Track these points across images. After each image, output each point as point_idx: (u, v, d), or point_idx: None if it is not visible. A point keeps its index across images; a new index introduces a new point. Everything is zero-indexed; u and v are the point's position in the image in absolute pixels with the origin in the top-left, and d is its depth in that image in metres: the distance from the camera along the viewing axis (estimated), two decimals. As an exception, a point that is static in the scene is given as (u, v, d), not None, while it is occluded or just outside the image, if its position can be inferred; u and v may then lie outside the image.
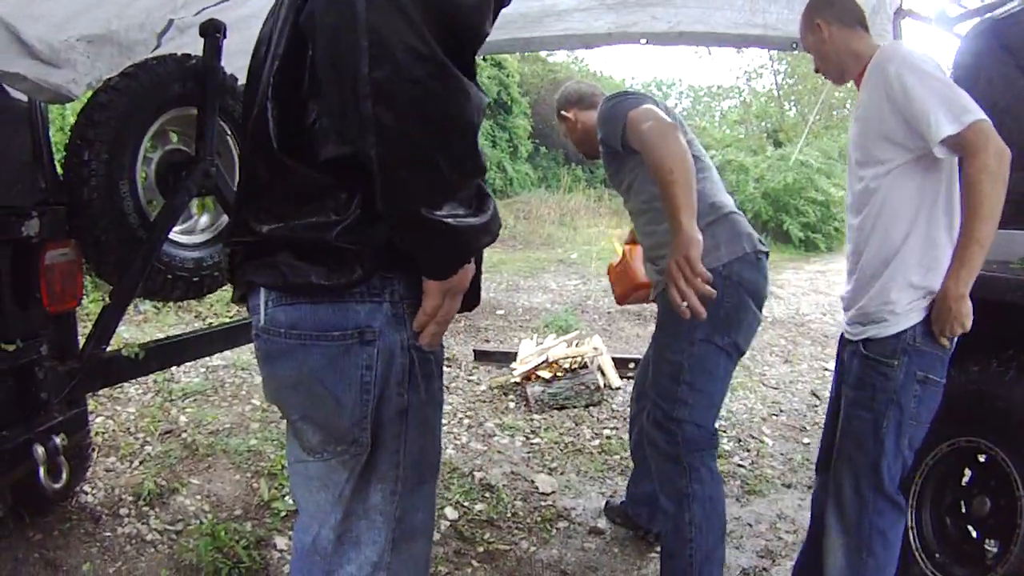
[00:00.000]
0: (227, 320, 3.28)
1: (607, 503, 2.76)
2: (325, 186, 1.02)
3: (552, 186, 14.94)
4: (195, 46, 2.23)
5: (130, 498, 2.59)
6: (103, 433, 3.13)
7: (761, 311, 2.01)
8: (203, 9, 2.27)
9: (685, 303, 1.58)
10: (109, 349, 2.03)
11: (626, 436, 3.48)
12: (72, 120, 2.09)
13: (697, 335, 1.90)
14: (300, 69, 1.04)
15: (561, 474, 3.10)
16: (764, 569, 2.43)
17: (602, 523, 2.68)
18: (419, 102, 0.92)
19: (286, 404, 1.16)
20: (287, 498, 2.58)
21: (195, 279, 2.22)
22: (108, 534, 2.36)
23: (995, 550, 1.95)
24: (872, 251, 1.77)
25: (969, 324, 1.68)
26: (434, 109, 0.94)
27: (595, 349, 4.43)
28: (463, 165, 1.00)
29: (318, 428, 1.12)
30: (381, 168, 0.95)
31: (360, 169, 0.97)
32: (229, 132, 2.40)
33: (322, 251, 1.04)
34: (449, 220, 0.99)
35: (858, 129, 1.81)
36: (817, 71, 1.96)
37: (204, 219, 2.43)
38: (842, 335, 1.95)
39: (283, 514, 2.55)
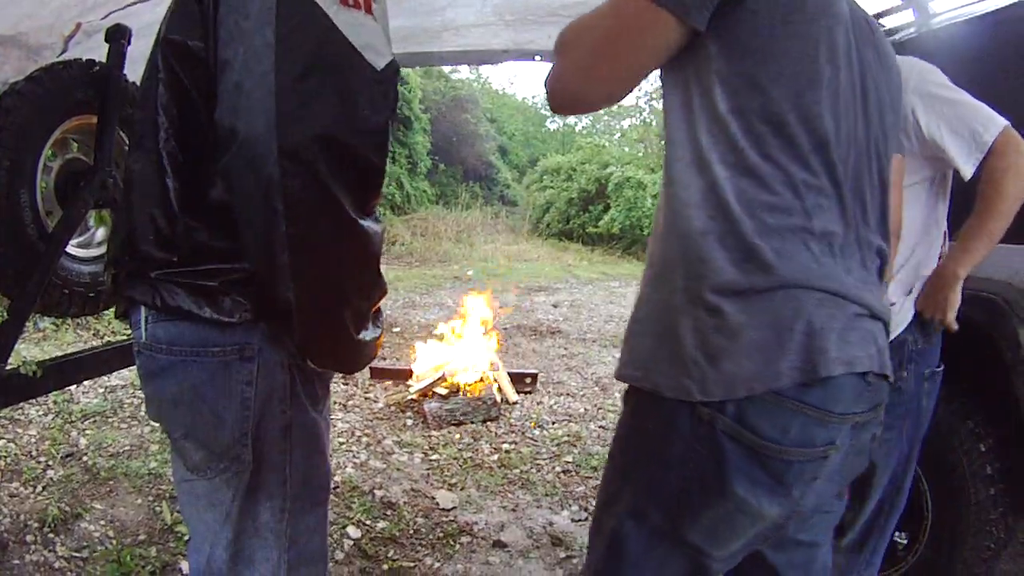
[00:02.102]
0: (124, 337, 3.18)
1: None
2: (211, 239, 1.06)
3: (450, 203, 15.05)
4: (101, 51, 2.13)
5: (35, 524, 2.53)
6: (6, 457, 3.04)
7: (788, 496, 0.97)
8: (111, 13, 2.20)
9: None
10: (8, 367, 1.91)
11: (525, 450, 3.62)
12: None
13: (625, 502, 1.07)
14: (193, 121, 1.05)
15: (461, 489, 3.16)
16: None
17: (505, 536, 2.76)
18: (332, 252, 1.05)
19: (168, 421, 1.17)
20: (190, 522, 2.58)
21: (91, 295, 2.12)
22: (17, 561, 2.31)
23: (904, 542, 2.15)
24: None
25: (953, 316, 1.56)
26: (346, 257, 1.08)
27: (491, 364, 4.54)
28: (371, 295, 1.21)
29: (200, 445, 1.12)
30: (299, 308, 1.04)
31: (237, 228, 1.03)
32: (128, 142, 2.32)
33: (205, 289, 1.07)
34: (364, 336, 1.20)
35: None
36: None
37: (101, 232, 2.33)
38: None
39: (187, 538, 2.47)
